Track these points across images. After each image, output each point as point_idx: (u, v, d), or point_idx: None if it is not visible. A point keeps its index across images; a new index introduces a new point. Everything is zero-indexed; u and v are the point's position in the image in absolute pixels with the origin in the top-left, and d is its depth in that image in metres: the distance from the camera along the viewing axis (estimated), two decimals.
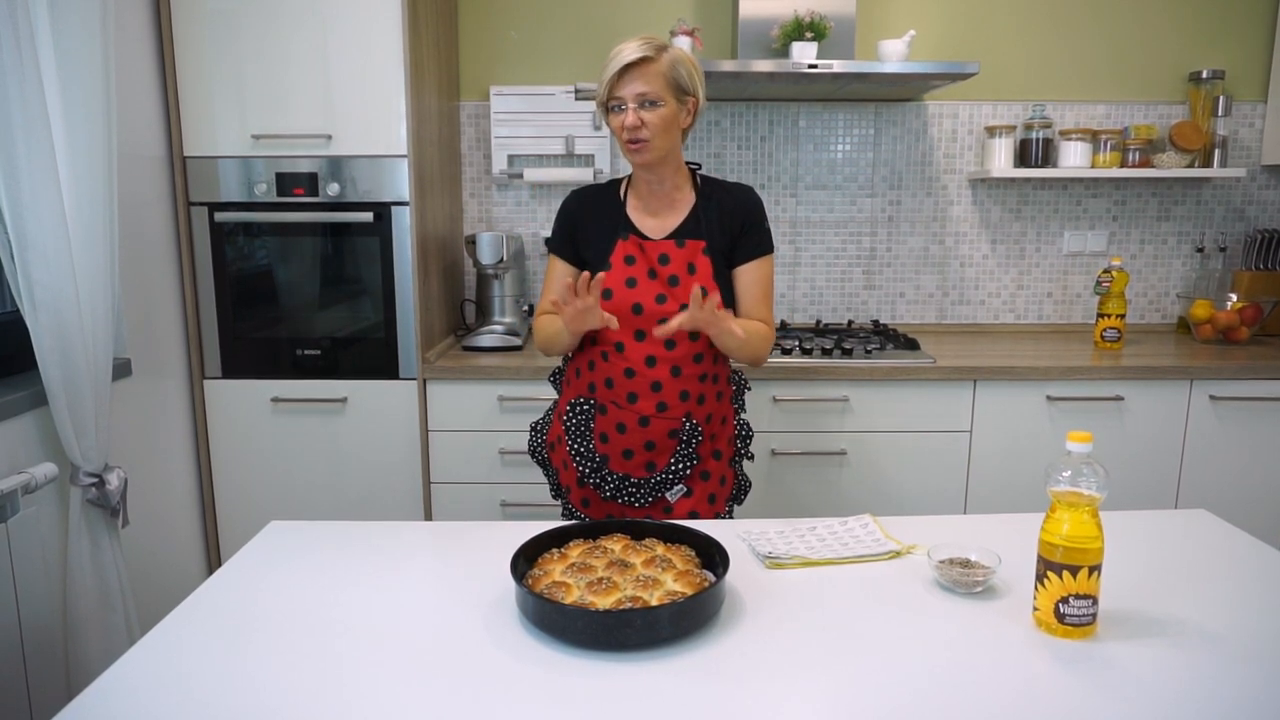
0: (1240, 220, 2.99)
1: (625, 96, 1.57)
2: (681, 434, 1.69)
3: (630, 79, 1.56)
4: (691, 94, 1.63)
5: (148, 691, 0.99)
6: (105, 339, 1.87)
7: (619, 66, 1.55)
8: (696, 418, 1.70)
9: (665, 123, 1.58)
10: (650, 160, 1.62)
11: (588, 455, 1.73)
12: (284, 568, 1.32)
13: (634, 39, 1.59)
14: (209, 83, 2.33)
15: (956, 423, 2.45)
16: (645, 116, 1.57)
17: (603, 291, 1.63)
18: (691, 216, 1.69)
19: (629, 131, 1.58)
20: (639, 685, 1.00)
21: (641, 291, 1.64)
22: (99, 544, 1.88)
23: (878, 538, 1.42)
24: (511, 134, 2.88)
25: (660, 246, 1.67)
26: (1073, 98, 2.93)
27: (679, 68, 1.59)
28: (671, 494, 1.71)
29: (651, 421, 1.67)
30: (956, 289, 3.03)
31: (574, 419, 1.74)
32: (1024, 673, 1.02)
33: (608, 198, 1.75)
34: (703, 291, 1.52)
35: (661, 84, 1.57)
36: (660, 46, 1.58)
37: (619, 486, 1.72)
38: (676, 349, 1.65)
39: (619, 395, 1.68)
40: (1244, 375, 2.44)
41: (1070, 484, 1.09)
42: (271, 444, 2.49)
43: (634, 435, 1.68)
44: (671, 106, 1.59)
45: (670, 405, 1.67)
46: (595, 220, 1.72)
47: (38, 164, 1.66)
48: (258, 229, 2.42)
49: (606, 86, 1.58)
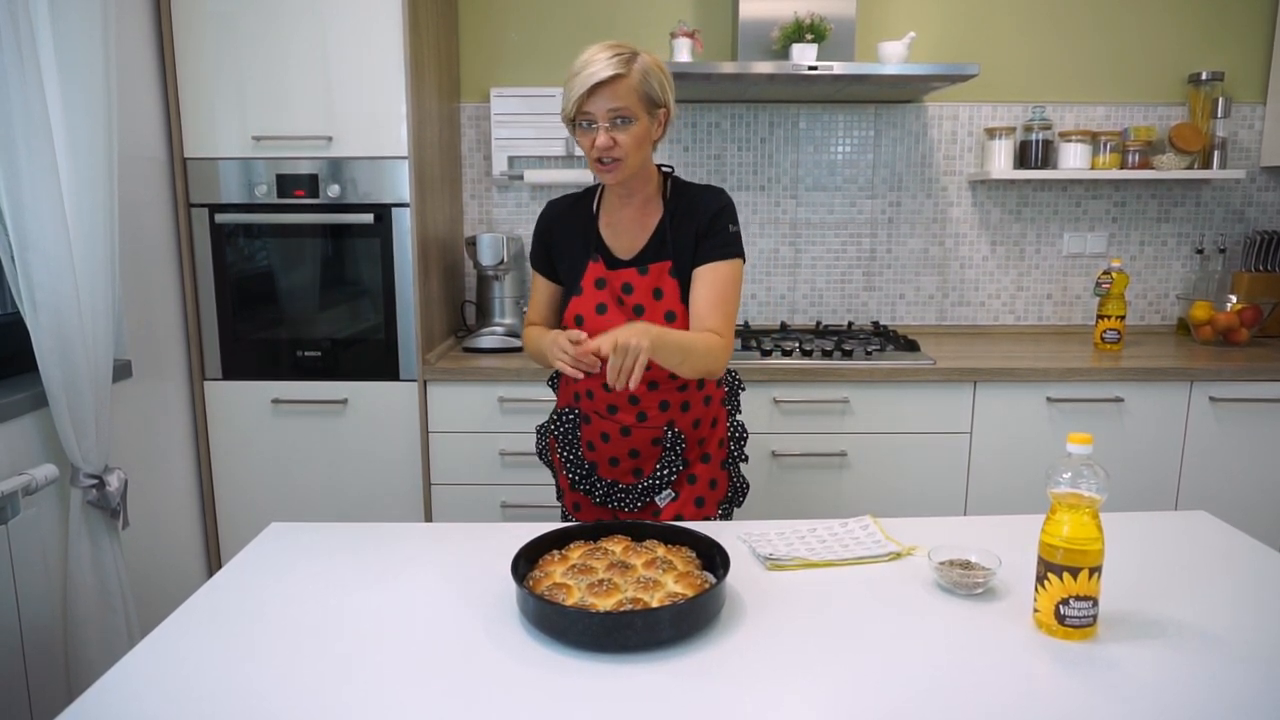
0: (1240, 222, 2.99)
1: (595, 114, 1.48)
2: (665, 441, 1.66)
3: (601, 95, 1.47)
4: (662, 105, 1.55)
5: (148, 693, 1.00)
6: (106, 340, 1.87)
7: (590, 84, 1.45)
8: (680, 425, 1.67)
9: (638, 140, 1.51)
10: (622, 179, 1.55)
11: (576, 463, 1.73)
12: (284, 569, 1.32)
13: (602, 48, 1.49)
14: (209, 84, 2.33)
15: (956, 424, 2.45)
16: (618, 136, 1.49)
17: (575, 318, 1.62)
18: (658, 234, 1.62)
19: (600, 151, 1.50)
20: (640, 687, 1.00)
21: (611, 317, 1.59)
22: (99, 545, 1.88)
23: (878, 539, 1.42)
24: (512, 135, 2.88)
25: (623, 275, 1.61)
26: (1072, 99, 2.93)
27: (650, 79, 1.51)
28: (660, 498, 1.70)
29: (633, 431, 1.66)
30: (956, 290, 3.03)
31: (561, 428, 1.74)
32: (1024, 674, 1.03)
33: (581, 212, 1.68)
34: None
35: (634, 99, 1.49)
36: (630, 58, 1.49)
37: (608, 492, 1.72)
38: (650, 367, 1.49)
39: (600, 406, 1.67)
40: (1244, 377, 2.44)
41: (1070, 485, 1.09)
42: (272, 445, 2.49)
43: (618, 444, 1.67)
44: (644, 122, 1.51)
45: (650, 415, 1.65)
46: (568, 238, 1.68)
47: (38, 165, 1.66)
48: (258, 230, 2.42)
49: (575, 102, 1.48)
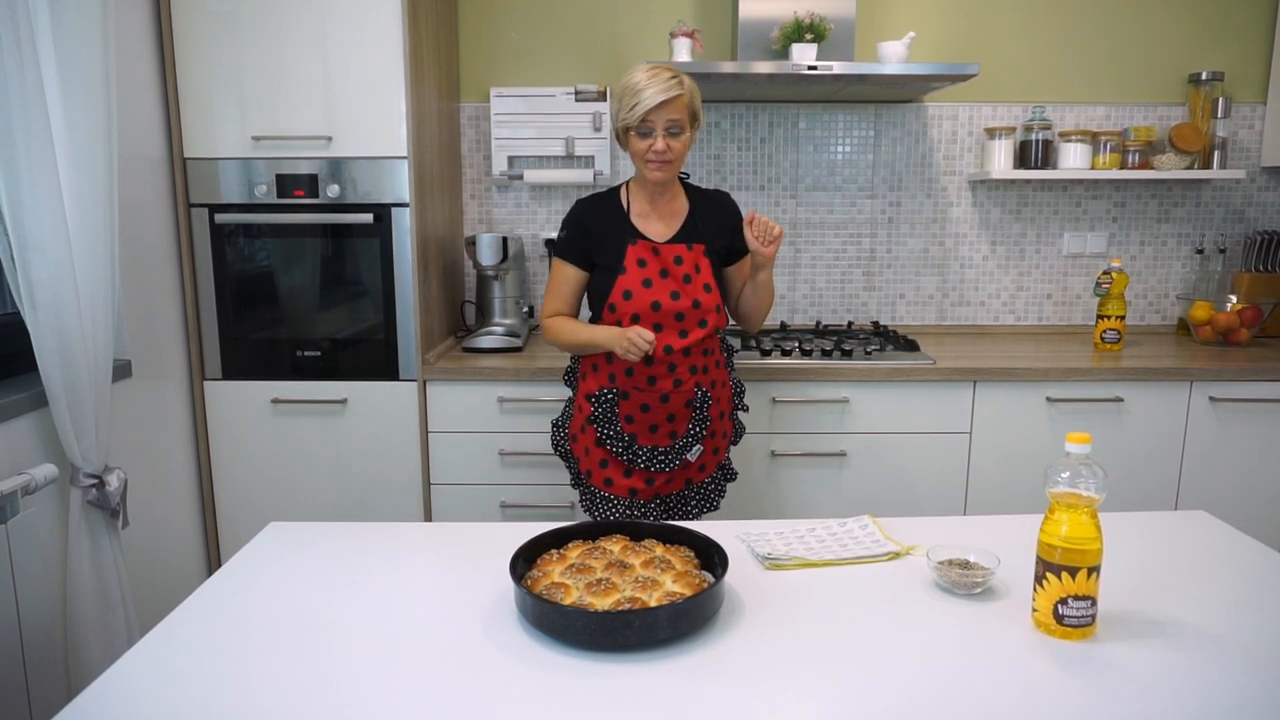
0: (1240, 222, 2.99)
1: (656, 123, 1.79)
2: (695, 402, 1.93)
3: (665, 109, 1.77)
4: (699, 119, 1.88)
5: (148, 692, 1.00)
6: (105, 340, 1.87)
7: (658, 100, 1.75)
8: (704, 385, 1.94)
9: (686, 147, 1.85)
10: (669, 177, 1.87)
11: (617, 437, 1.94)
12: (284, 569, 1.32)
13: (659, 70, 1.79)
14: (209, 84, 2.33)
15: (956, 424, 2.45)
16: (672, 143, 1.81)
17: (623, 293, 1.86)
18: (689, 222, 1.93)
19: (658, 154, 1.81)
20: (638, 686, 1.00)
21: (657, 290, 1.86)
22: (99, 545, 1.88)
23: (877, 539, 1.42)
24: (511, 135, 2.88)
25: (673, 249, 1.89)
26: (1072, 99, 2.93)
27: (695, 98, 1.84)
28: (691, 454, 1.95)
29: (671, 397, 1.91)
30: (956, 290, 3.03)
31: (600, 408, 1.93)
32: (1023, 674, 1.03)
33: (612, 206, 1.94)
34: None
35: (685, 114, 1.81)
36: (681, 80, 1.80)
37: (650, 458, 1.94)
38: (689, 336, 1.88)
39: (640, 381, 1.90)
40: (1244, 377, 2.44)
41: (1069, 485, 1.09)
42: (271, 445, 2.49)
43: (657, 412, 1.92)
44: (689, 133, 1.84)
45: (684, 380, 1.91)
46: (605, 227, 1.91)
47: (38, 165, 1.66)
48: (258, 230, 2.42)
49: (640, 115, 1.77)
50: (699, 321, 1.89)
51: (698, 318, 1.89)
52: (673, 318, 1.87)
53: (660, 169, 1.84)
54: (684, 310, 1.87)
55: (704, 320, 1.89)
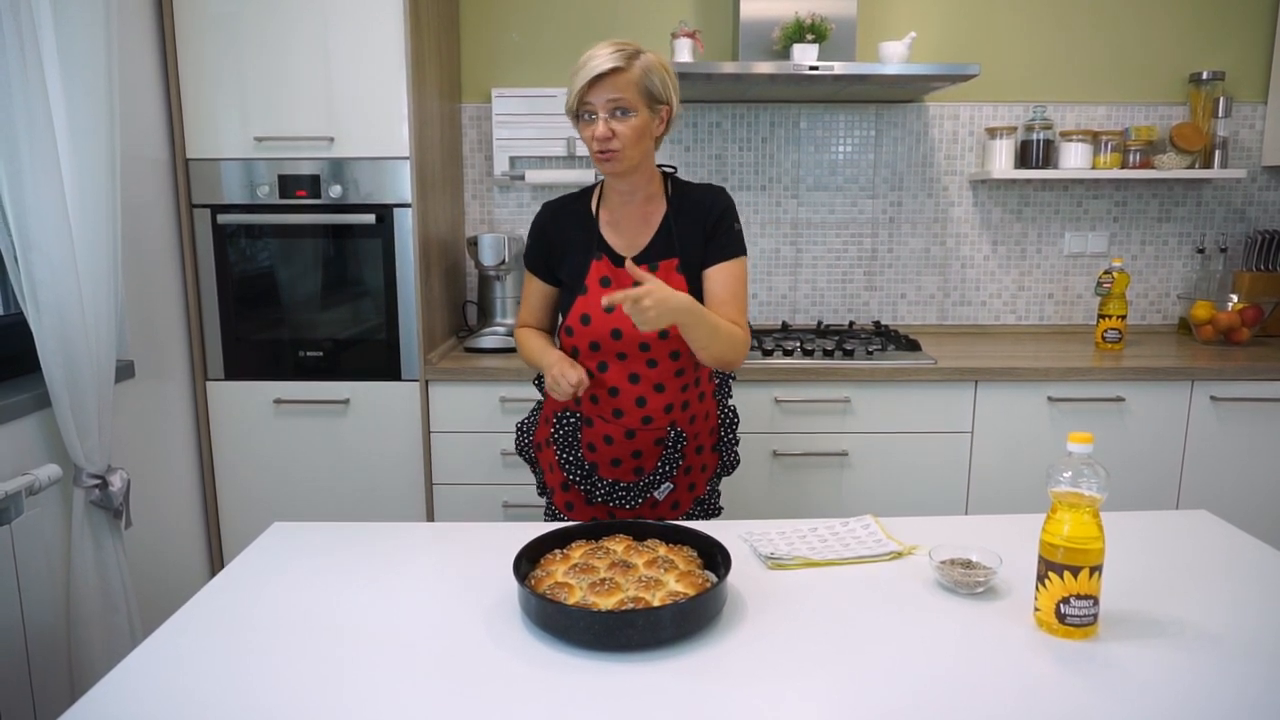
0: (1241, 221, 2.99)
1: (596, 105, 1.51)
2: (667, 441, 1.67)
3: (602, 87, 1.50)
4: (665, 102, 1.57)
5: (151, 692, 1.00)
6: (108, 341, 1.87)
7: (590, 76, 1.49)
8: (680, 424, 1.68)
9: (637, 133, 1.53)
10: (621, 170, 1.56)
11: (576, 464, 1.71)
12: (286, 569, 1.33)
13: (606, 45, 1.53)
14: (211, 85, 2.34)
15: (958, 424, 2.45)
16: (617, 127, 1.51)
17: (581, 317, 1.62)
18: (663, 231, 1.64)
19: (599, 142, 1.52)
20: (641, 685, 1.00)
21: (619, 315, 1.56)
22: (102, 545, 1.89)
23: (879, 538, 1.42)
24: (513, 135, 2.88)
25: (641, 267, 1.61)
26: (1073, 99, 2.93)
27: (651, 75, 1.53)
28: (659, 492, 1.71)
29: (638, 434, 1.66)
30: (958, 290, 3.03)
31: (560, 430, 1.71)
32: (1025, 673, 1.03)
33: (579, 212, 1.69)
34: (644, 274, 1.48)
35: (634, 92, 1.52)
36: (632, 54, 1.52)
37: (609, 491, 1.71)
38: (659, 366, 1.62)
39: (604, 411, 1.66)
40: (1245, 376, 2.44)
41: (1071, 485, 1.09)
42: (274, 445, 2.49)
43: (621, 446, 1.67)
44: (644, 116, 1.53)
45: (655, 418, 1.65)
46: (568, 238, 1.68)
47: (41, 166, 1.67)
48: (260, 231, 2.42)
49: (576, 95, 1.52)
50: (670, 353, 1.61)
51: (668, 349, 1.60)
52: (637, 347, 1.60)
53: (608, 160, 1.54)
54: (648, 340, 1.59)
55: (676, 351, 1.61)
